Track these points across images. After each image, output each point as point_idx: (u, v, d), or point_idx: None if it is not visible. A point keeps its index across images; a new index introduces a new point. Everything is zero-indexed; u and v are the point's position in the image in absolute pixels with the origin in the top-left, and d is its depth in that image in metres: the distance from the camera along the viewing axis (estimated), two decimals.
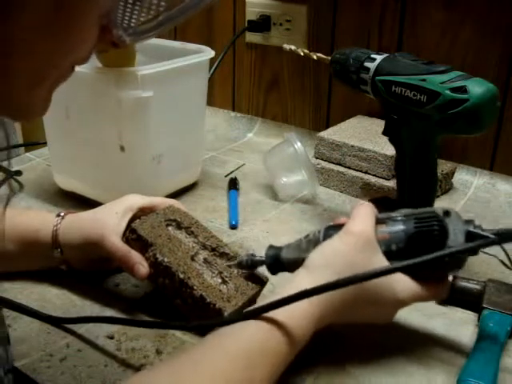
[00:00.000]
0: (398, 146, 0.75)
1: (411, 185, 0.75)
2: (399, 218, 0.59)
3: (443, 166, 0.97)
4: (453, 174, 0.99)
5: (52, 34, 0.35)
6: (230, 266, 0.66)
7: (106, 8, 0.39)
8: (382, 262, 0.56)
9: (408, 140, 0.72)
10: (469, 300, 0.67)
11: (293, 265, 0.61)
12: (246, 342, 0.49)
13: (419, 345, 0.62)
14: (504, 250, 0.54)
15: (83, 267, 0.71)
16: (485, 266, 0.76)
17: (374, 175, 0.94)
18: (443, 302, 0.69)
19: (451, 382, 0.57)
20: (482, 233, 0.55)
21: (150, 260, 0.65)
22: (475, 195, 0.97)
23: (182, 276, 0.63)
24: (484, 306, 0.64)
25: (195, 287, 0.62)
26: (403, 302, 0.57)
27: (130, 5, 0.41)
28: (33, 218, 0.71)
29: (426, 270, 0.57)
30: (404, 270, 0.55)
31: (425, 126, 0.69)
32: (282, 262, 0.62)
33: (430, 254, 0.53)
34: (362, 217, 0.59)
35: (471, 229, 0.55)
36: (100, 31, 0.39)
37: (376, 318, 0.59)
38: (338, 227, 0.60)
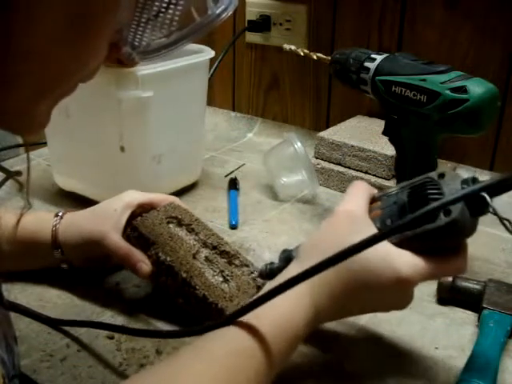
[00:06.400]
0: (398, 146, 0.75)
1: None
2: (394, 192, 0.56)
3: (443, 166, 0.97)
4: None
5: (68, 47, 0.35)
6: (254, 280, 0.66)
7: (120, 25, 0.38)
8: None
9: (408, 140, 0.72)
10: (469, 300, 0.67)
11: None
12: (229, 343, 0.48)
13: (419, 345, 0.62)
14: (490, 203, 0.47)
15: (84, 265, 0.71)
16: (485, 266, 0.76)
17: (374, 175, 0.94)
18: (443, 302, 0.69)
19: (451, 382, 0.57)
20: (472, 187, 0.48)
21: (153, 258, 0.65)
22: None
23: (184, 275, 0.63)
24: (484, 306, 0.64)
25: (197, 287, 0.62)
26: (408, 280, 0.51)
27: (142, 23, 0.40)
28: (31, 218, 0.71)
29: (421, 242, 0.51)
30: (383, 238, 0.47)
31: (425, 125, 0.69)
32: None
33: (426, 219, 0.48)
34: (352, 196, 0.57)
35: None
36: (108, 48, 0.39)
37: (386, 302, 0.55)
38: None
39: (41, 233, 0.69)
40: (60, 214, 0.71)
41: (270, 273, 0.63)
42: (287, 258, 0.61)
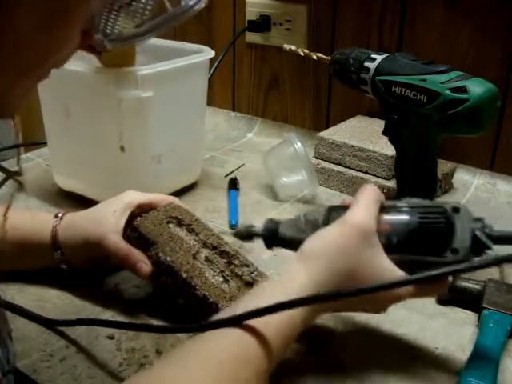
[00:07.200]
0: (398, 146, 0.75)
1: (411, 185, 0.75)
2: (404, 209, 0.56)
3: (443, 165, 0.97)
4: (453, 174, 0.99)
5: (45, 32, 0.36)
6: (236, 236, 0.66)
7: (92, 12, 0.39)
8: (379, 259, 0.54)
9: (408, 140, 0.72)
10: (469, 300, 0.67)
11: (289, 243, 0.60)
12: (229, 343, 0.48)
13: (419, 345, 0.62)
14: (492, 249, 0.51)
15: (84, 266, 0.71)
16: None
17: (374, 175, 0.94)
18: (443, 302, 0.69)
19: (451, 382, 0.57)
20: (484, 241, 0.52)
21: (153, 259, 0.65)
22: (475, 195, 0.97)
23: (184, 275, 0.63)
24: (484, 306, 0.64)
25: (198, 287, 0.62)
26: (396, 296, 0.54)
27: (115, 11, 0.41)
28: (31, 219, 0.71)
29: (420, 267, 0.52)
30: (405, 284, 0.52)
31: (425, 125, 0.69)
32: (278, 237, 0.61)
33: (432, 251, 0.53)
34: (365, 204, 0.56)
35: (477, 231, 0.53)
36: (81, 36, 0.40)
37: (368, 307, 0.57)
38: (340, 209, 0.58)
39: (40, 233, 0.69)
40: (60, 214, 0.71)
41: (247, 235, 0.64)
42: (272, 230, 0.62)
